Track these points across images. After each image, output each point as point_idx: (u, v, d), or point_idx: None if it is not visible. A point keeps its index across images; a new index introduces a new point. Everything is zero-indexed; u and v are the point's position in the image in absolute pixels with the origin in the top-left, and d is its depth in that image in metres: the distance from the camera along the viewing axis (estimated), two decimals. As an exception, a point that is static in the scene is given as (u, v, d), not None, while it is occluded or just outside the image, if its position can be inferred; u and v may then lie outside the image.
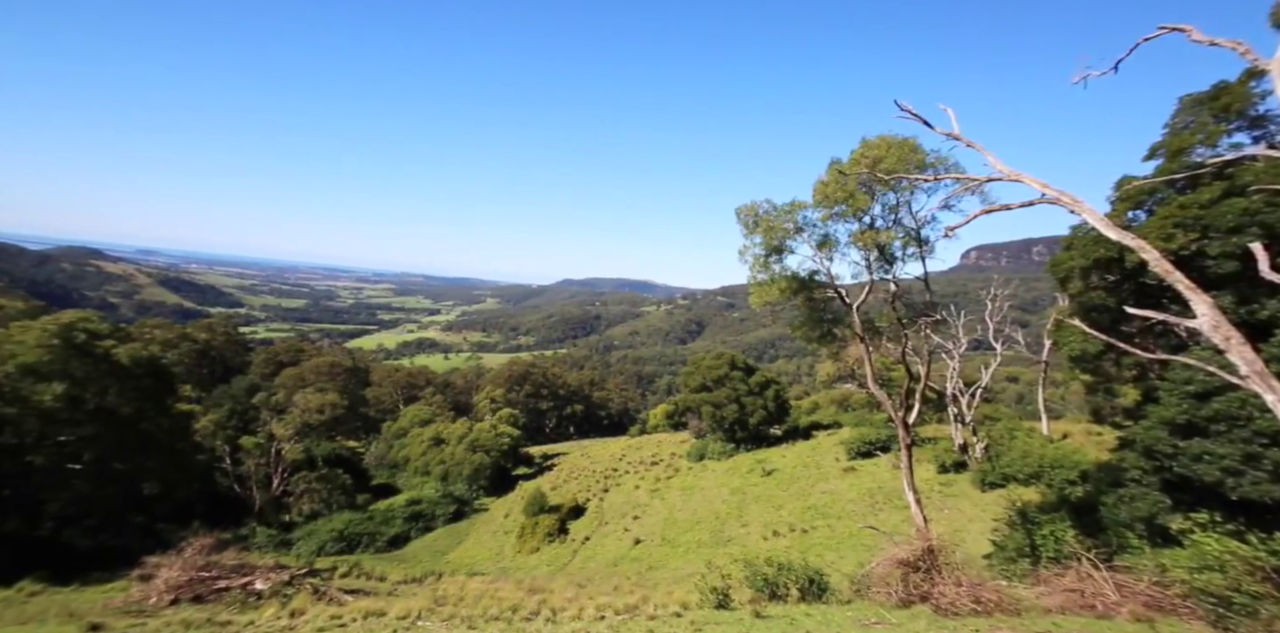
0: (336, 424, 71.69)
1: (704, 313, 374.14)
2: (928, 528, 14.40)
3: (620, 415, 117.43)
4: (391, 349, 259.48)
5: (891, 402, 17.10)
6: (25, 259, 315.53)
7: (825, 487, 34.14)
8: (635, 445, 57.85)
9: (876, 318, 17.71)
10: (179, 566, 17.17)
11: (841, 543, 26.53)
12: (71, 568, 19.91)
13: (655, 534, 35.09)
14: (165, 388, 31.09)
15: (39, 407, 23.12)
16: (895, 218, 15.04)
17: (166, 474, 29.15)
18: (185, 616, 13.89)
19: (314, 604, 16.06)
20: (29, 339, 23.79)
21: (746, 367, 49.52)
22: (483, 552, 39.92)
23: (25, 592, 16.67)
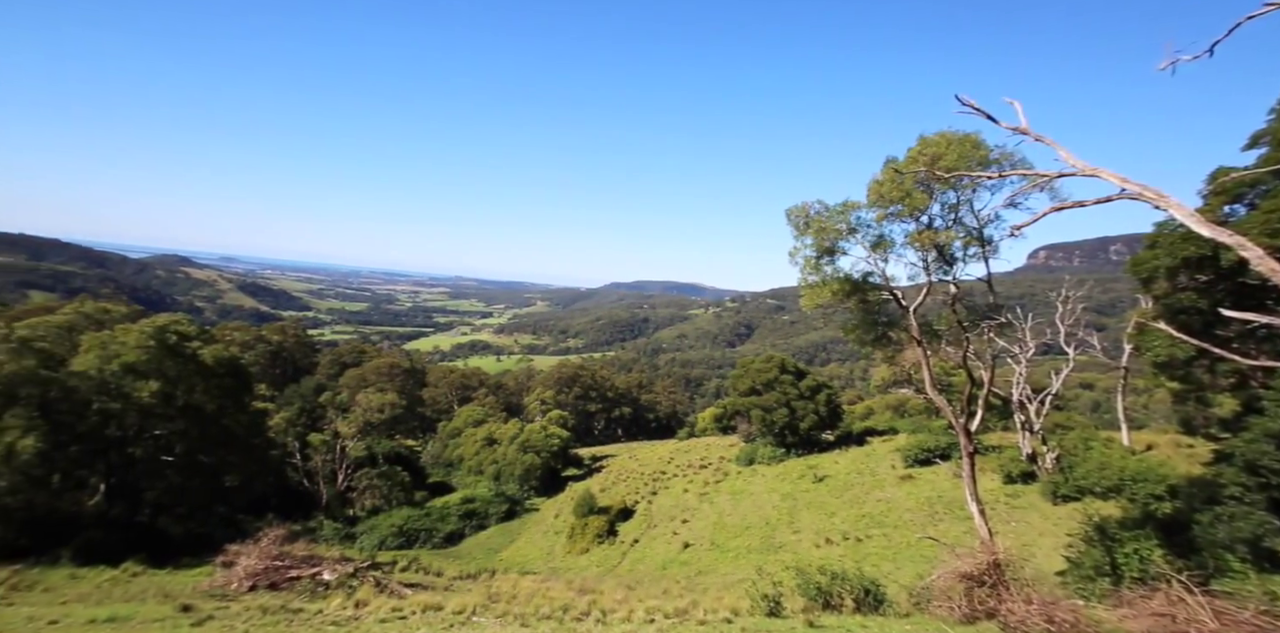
0: (395, 423, 74.67)
1: (753, 316, 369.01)
2: (993, 541, 13.68)
3: (668, 418, 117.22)
4: (446, 351, 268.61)
5: (952, 408, 16.37)
6: (127, 267, 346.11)
7: (880, 495, 33.01)
8: (683, 449, 57.62)
9: (935, 321, 17.01)
10: (256, 554, 18.35)
11: (899, 553, 25.58)
12: (166, 552, 21.59)
13: (704, 538, 34.82)
14: (243, 387, 33.21)
15: (138, 403, 25.15)
16: (955, 217, 14.40)
17: (245, 468, 31.10)
18: (262, 602, 14.80)
19: (376, 596, 16.81)
20: (130, 341, 25.93)
21: (797, 370, 48.52)
22: (534, 551, 40.66)
23: (129, 572, 18.19)
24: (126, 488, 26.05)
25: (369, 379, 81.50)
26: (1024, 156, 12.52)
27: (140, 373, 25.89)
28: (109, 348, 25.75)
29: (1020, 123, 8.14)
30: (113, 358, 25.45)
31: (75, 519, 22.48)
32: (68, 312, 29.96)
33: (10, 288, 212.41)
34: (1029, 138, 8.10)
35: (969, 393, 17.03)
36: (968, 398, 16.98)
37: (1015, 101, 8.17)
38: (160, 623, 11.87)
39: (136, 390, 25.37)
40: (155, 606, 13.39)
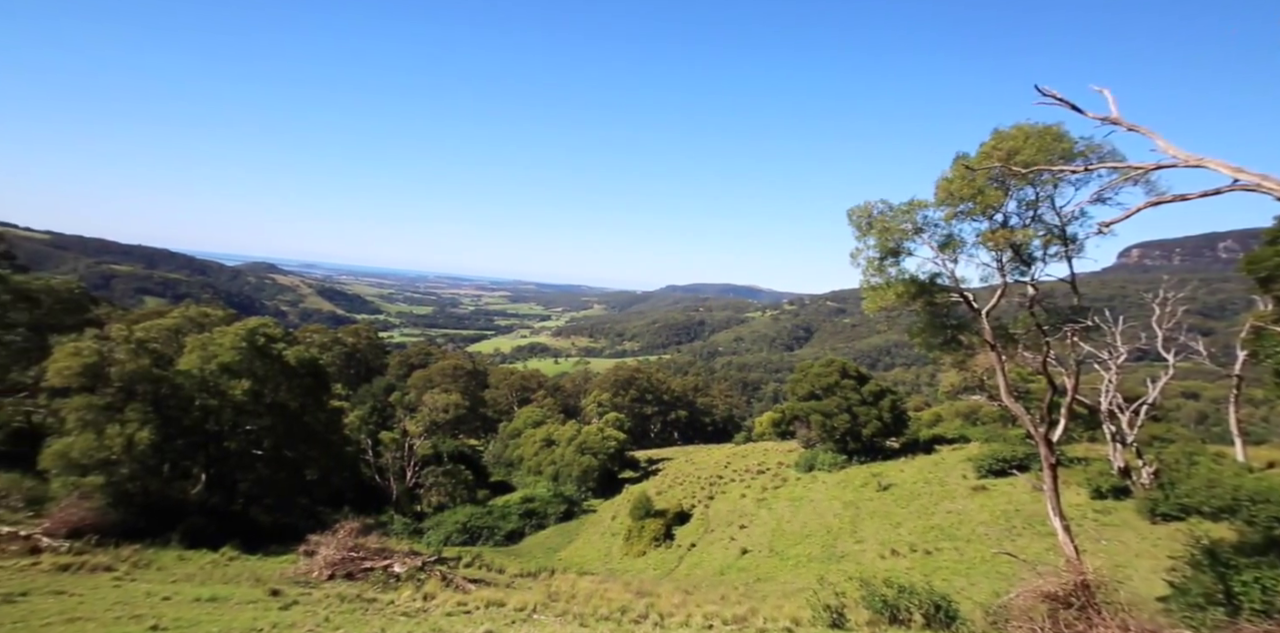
0: (459, 423, 77.54)
1: (812, 318, 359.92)
2: (1081, 560, 12.73)
3: (724, 422, 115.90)
4: (507, 353, 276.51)
5: (1030, 416, 15.37)
6: (223, 274, 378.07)
7: (951, 506, 31.38)
8: (740, 453, 56.83)
9: (1010, 324, 16.04)
10: (334, 545, 19.49)
11: (972, 569, 24.22)
12: (256, 539, 23.31)
13: (763, 545, 34.19)
14: (322, 386, 35.38)
15: (232, 400, 27.31)
16: (1034, 214, 13.53)
17: (323, 463, 33.07)
18: (340, 590, 15.73)
19: (443, 590, 17.51)
20: (225, 342, 28.20)
21: (859, 375, 46.91)
22: (591, 552, 41.14)
23: (226, 557, 19.80)
24: (223, 479, 28.30)
25: (434, 380, 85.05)
26: (1114, 148, 11.60)
27: (234, 372, 28.09)
28: (208, 349, 28.10)
29: (1110, 112, 7.58)
30: (211, 358, 27.74)
31: (181, 506, 24.63)
32: (175, 315, 32.87)
33: (130, 294, 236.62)
34: (1120, 128, 7.53)
35: (1050, 401, 15.95)
36: (1048, 406, 15.90)
37: (1104, 90, 7.62)
38: (254, 605, 12.84)
39: (231, 388, 27.54)
40: (249, 589, 14.49)
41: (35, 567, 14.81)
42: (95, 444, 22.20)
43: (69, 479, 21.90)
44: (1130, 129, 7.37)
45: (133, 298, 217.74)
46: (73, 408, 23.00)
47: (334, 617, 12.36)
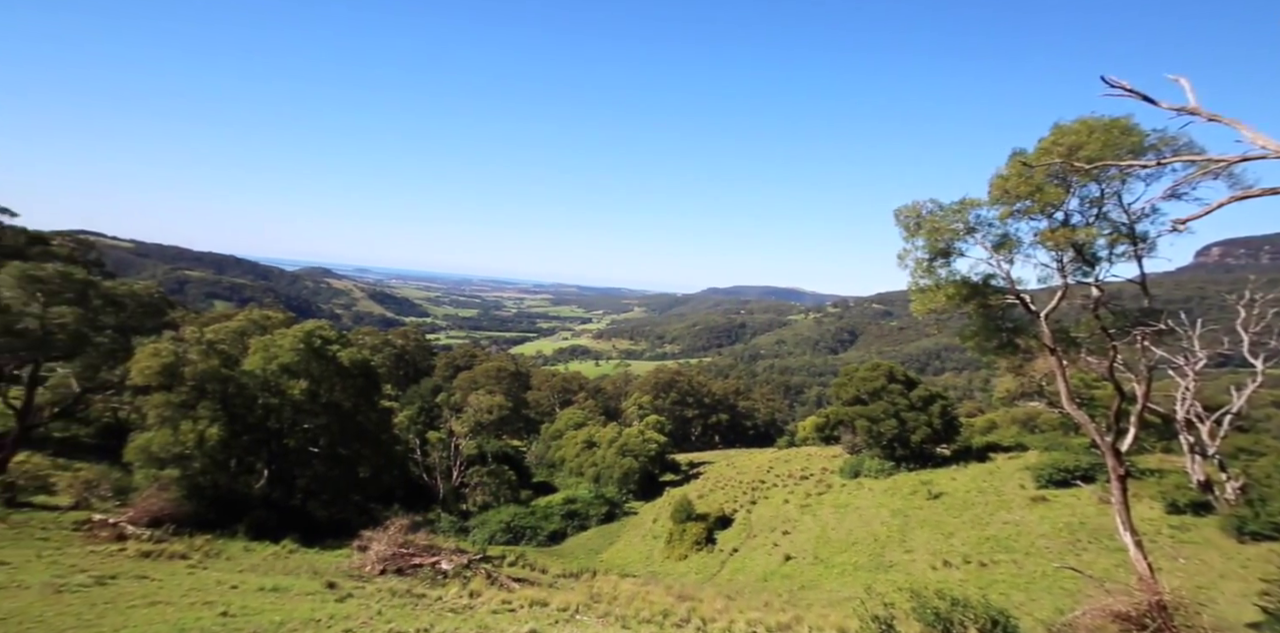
0: (503, 424, 79.10)
1: (857, 321, 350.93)
2: (1155, 579, 11.94)
3: (766, 426, 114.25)
4: (548, 355, 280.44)
5: (1095, 424, 14.53)
6: (283, 278, 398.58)
7: (1007, 517, 29.98)
8: (783, 458, 55.87)
9: (1072, 327, 15.21)
10: (385, 541, 20.18)
11: (1031, 583, 23.06)
12: (313, 533, 24.41)
13: (807, 552, 33.50)
14: (374, 387, 36.74)
15: (291, 399, 28.69)
16: (1099, 212, 12.79)
17: (375, 461, 34.31)
18: (391, 585, 16.28)
19: (488, 588, 17.89)
20: (285, 344, 29.66)
21: (907, 379, 45.41)
22: (633, 554, 41.20)
23: (287, 549, 20.80)
24: (283, 474, 29.73)
25: (479, 382, 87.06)
26: (1190, 140, 10.81)
27: (293, 373, 29.50)
28: (270, 350, 29.61)
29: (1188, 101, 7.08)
30: (272, 359, 29.21)
31: (246, 499, 26.02)
32: (240, 319, 34.75)
33: (201, 298, 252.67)
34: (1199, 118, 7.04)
35: (1117, 408, 15.05)
36: (1116, 414, 15.01)
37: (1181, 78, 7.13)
38: (312, 596, 13.43)
39: (290, 388, 28.93)
40: (307, 581, 15.18)
41: (122, 553, 15.94)
42: (172, 439, 23.75)
43: (149, 472, 23.50)
44: (1211, 119, 6.87)
45: (204, 302, 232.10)
46: (152, 405, 24.67)
47: (386, 611, 12.80)
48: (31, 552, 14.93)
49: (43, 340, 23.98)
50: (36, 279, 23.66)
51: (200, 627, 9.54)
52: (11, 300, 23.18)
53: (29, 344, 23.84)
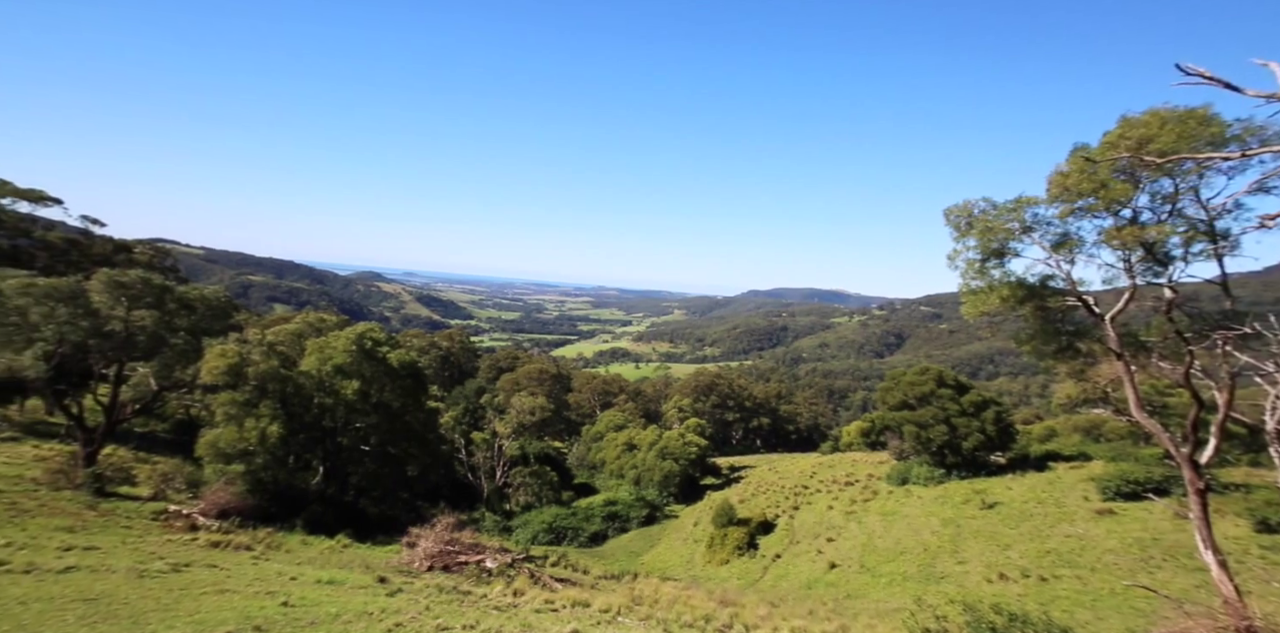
0: (544, 426, 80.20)
1: (904, 324, 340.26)
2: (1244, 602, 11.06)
3: (809, 431, 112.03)
4: (589, 358, 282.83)
5: (1170, 434, 13.63)
6: (337, 282, 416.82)
7: (1070, 529, 28.42)
8: (827, 463, 54.63)
9: (1141, 331, 14.31)
10: (433, 538, 20.78)
11: (1098, 601, 21.78)
12: (365, 529, 25.35)
13: (852, 560, 32.63)
14: (421, 387, 37.86)
15: (344, 399, 29.88)
16: (1173, 208, 11.95)
17: (422, 460, 35.36)
18: (438, 581, 16.74)
19: (531, 587, 18.17)
20: (339, 345, 30.93)
21: (958, 384, 43.70)
22: (673, 557, 41.05)
23: (340, 544, 21.68)
24: (337, 472, 30.99)
25: (521, 383, 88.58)
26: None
27: (346, 373, 30.73)
28: (324, 352, 30.93)
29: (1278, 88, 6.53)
30: (327, 360, 30.50)
31: (304, 495, 27.27)
32: (297, 321, 36.46)
33: (262, 301, 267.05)
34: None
35: (1195, 417, 14.06)
36: (1194, 423, 14.02)
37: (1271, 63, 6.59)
38: (365, 590, 13.95)
39: (343, 388, 30.13)
40: (360, 575, 15.78)
41: (194, 542, 16.96)
42: (237, 436, 25.12)
43: (217, 466, 24.92)
44: (1307, 104, 6.31)
45: (264, 305, 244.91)
46: (219, 403, 26.16)
47: (434, 606, 13.15)
48: (117, 538, 16.07)
49: (127, 341, 25.79)
50: (121, 285, 25.47)
51: (264, 616, 10.04)
52: (100, 305, 25.02)
53: (115, 345, 25.69)
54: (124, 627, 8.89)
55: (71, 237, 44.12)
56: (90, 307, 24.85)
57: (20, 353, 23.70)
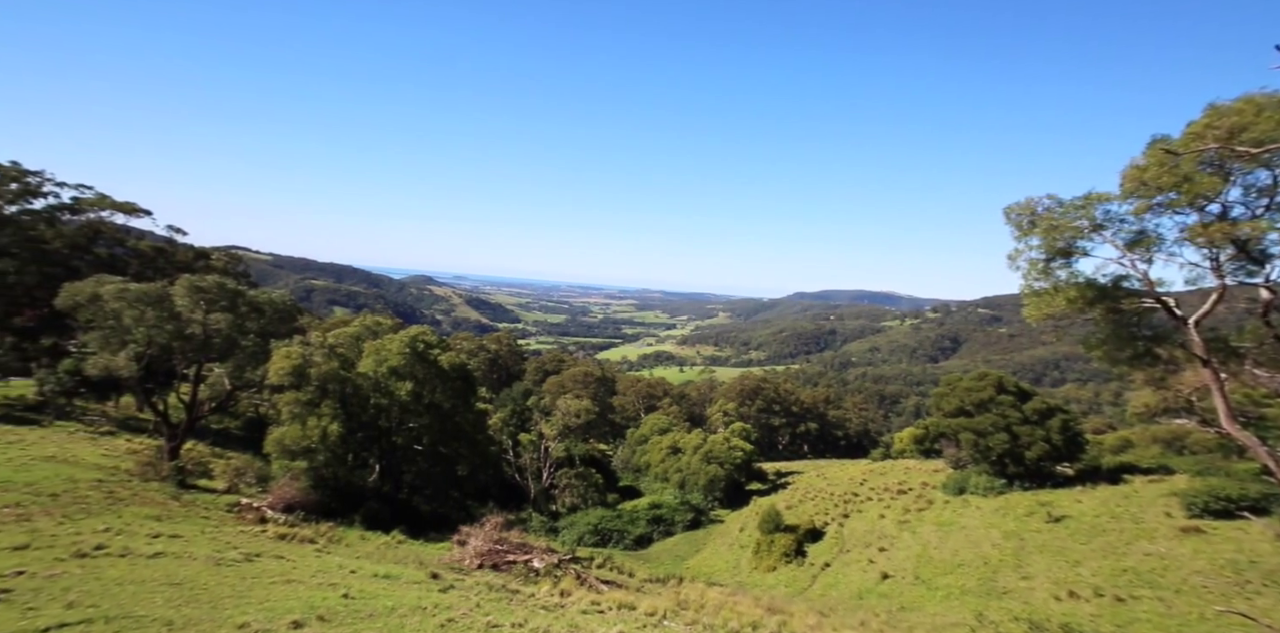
0: (589, 428, 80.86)
1: (960, 327, 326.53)
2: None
3: (859, 436, 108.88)
4: (633, 360, 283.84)
5: (1268, 448, 12.52)
6: (391, 286, 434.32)
7: (1149, 547, 26.49)
8: (878, 470, 52.90)
9: (1232, 335, 13.22)
10: (482, 537, 21.25)
11: (1185, 626, 20.20)
12: (418, 526, 26.21)
13: (906, 571, 31.44)
14: (471, 389, 38.89)
15: (399, 399, 31.04)
16: (1270, 202, 10.99)
17: (472, 459, 36.29)
18: (488, 579, 17.10)
19: (577, 588, 18.32)
20: (393, 347, 32.16)
21: (1019, 390, 41.49)
22: (719, 562, 40.61)
23: (395, 539, 22.47)
24: (392, 470, 32.20)
25: (567, 386, 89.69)
26: None
27: (400, 374, 31.90)
28: (380, 353, 32.21)
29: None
30: (382, 361, 31.74)
31: (361, 491, 28.43)
32: (356, 324, 38.14)
33: (324, 305, 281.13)
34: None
35: (1294, 430, 12.88)
36: (1292, 436, 12.85)
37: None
38: (418, 585, 14.40)
39: (397, 389, 31.28)
40: (414, 570, 16.29)
41: (263, 533, 17.95)
42: (300, 433, 26.45)
43: (283, 462, 26.31)
44: None
45: (325, 308, 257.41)
46: (284, 402, 27.62)
47: (484, 604, 13.44)
48: (197, 528, 17.19)
49: (204, 343, 27.61)
50: (200, 289, 27.30)
51: (326, 606, 10.51)
52: (182, 308, 26.88)
53: (195, 346, 27.54)
54: (204, 611, 9.49)
55: (159, 245, 47.66)
56: (174, 310, 26.73)
57: (116, 353, 25.72)
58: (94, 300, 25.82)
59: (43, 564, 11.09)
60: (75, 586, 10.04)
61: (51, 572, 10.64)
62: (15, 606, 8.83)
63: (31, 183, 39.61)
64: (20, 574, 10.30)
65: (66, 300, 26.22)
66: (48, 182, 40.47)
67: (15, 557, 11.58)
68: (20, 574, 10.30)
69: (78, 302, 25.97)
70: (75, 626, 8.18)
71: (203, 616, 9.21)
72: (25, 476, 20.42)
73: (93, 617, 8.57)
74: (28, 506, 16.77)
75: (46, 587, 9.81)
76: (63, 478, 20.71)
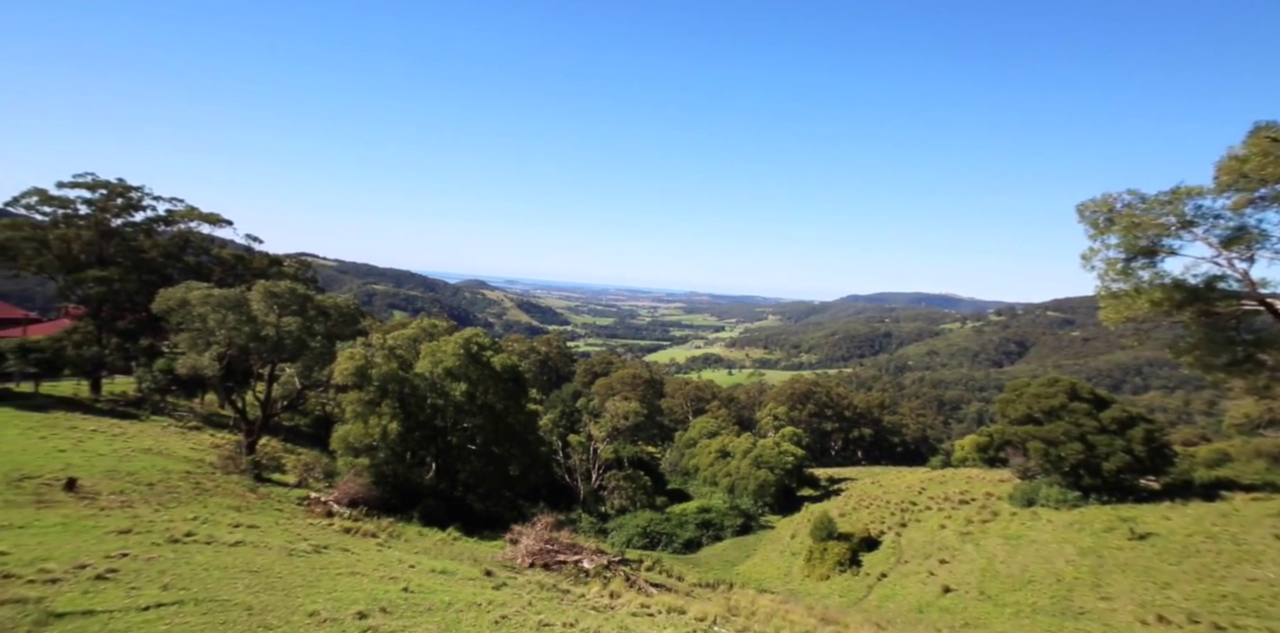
0: (638, 430, 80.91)
1: (1027, 331, 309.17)
2: None
3: (916, 443, 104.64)
4: (681, 363, 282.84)
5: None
6: (447, 290, 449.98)
7: (1254, 572, 24.21)
8: (938, 479, 50.61)
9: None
10: (533, 536, 21.62)
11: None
12: (473, 524, 26.97)
13: (970, 585, 29.92)
14: (522, 390, 39.69)
15: (454, 400, 32.04)
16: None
17: (523, 460, 37.02)
18: (539, 578, 17.37)
19: (626, 590, 18.36)
20: (448, 350, 33.25)
21: (1095, 398, 38.82)
22: (770, 569, 39.85)
23: (451, 536, 23.20)
24: (447, 469, 33.24)
25: (615, 388, 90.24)
26: None
27: (455, 376, 32.93)
28: (436, 355, 33.35)
29: None
30: (438, 363, 32.85)
31: (419, 489, 29.51)
32: (413, 327, 39.67)
33: (384, 308, 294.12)
34: None
35: None
36: None
37: None
38: (473, 581, 14.79)
39: (452, 390, 32.29)
40: (469, 567, 16.76)
41: (330, 527, 18.89)
42: (363, 431, 27.71)
43: (347, 459, 27.62)
44: None
45: (385, 312, 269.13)
46: (348, 401, 29.02)
47: (535, 602, 13.65)
48: (271, 519, 18.30)
49: (277, 344, 29.41)
50: (274, 294, 29.11)
51: (388, 599, 10.95)
52: (258, 312, 28.74)
53: (269, 348, 29.38)
54: (279, 598, 10.07)
55: (238, 253, 51.26)
56: (251, 314, 28.60)
57: (202, 354, 27.77)
58: (183, 305, 27.96)
59: (142, 548, 12.10)
60: (169, 569, 10.88)
61: (149, 555, 11.59)
62: (121, 585, 9.70)
63: (134, 197, 43.42)
64: (124, 556, 11.29)
65: (160, 305, 28.52)
66: (146, 196, 44.23)
67: (120, 540, 12.70)
68: (124, 556, 11.29)
69: (169, 306, 28.19)
70: (170, 606, 8.85)
71: (278, 603, 9.77)
72: (128, 466, 22.31)
73: (184, 599, 9.25)
74: (129, 493, 18.32)
75: (145, 569, 10.69)
76: (158, 469, 22.50)
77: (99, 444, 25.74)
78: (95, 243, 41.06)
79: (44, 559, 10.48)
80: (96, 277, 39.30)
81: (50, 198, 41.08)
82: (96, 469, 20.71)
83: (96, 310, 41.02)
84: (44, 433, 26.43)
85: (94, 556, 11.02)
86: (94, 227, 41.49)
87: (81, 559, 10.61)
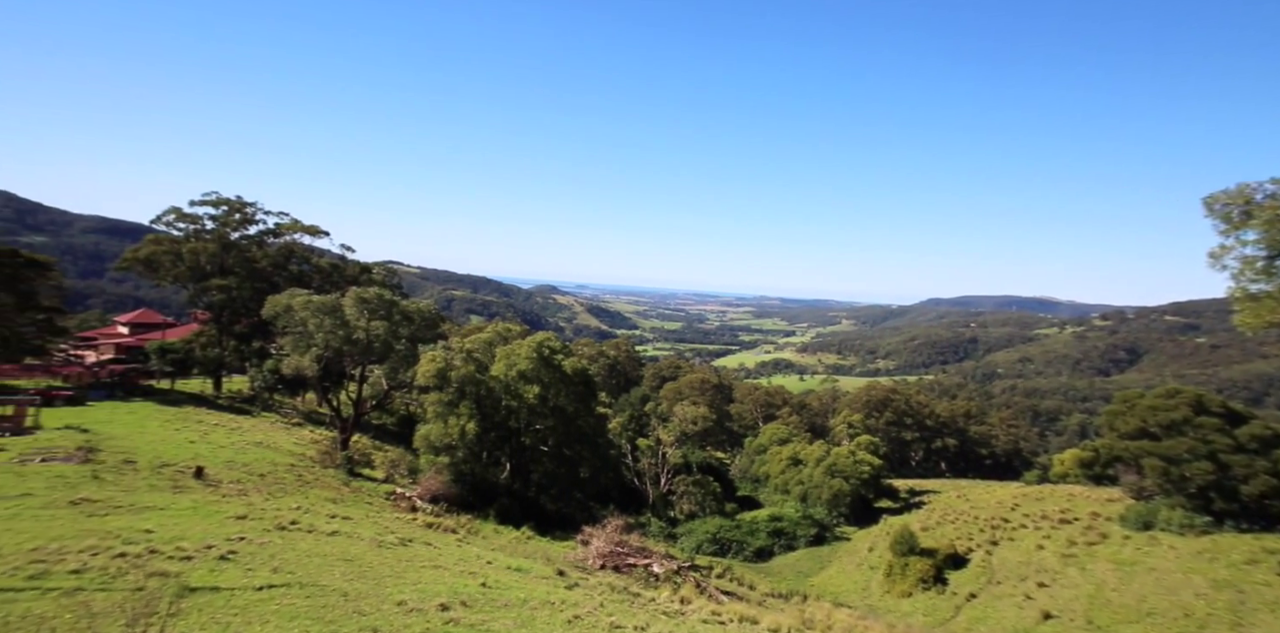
0: (706, 435, 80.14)
1: (1139, 336, 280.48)
2: None
3: (1008, 456, 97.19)
4: (751, 368, 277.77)
5: None
6: (520, 295, 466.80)
7: None
8: (1033, 495, 46.71)
9: None
10: (604, 538, 21.87)
11: None
12: (545, 524, 27.67)
13: (1075, 613, 27.39)
14: (592, 394, 40.31)
15: (527, 402, 33.04)
16: None
17: (593, 462, 37.56)
18: (610, 580, 17.54)
19: (697, 597, 18.16)
20: (522, 353, 34.34)
21: (1227, 411, 34.55)
22: (846, 583, 38.23)
23: (525, 535, 23.91)
24: (521, 469, 34.28)
25: (683, 393, 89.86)
26: None
27: (528, 379, 33.94)
28: (510, 359, 34.52)
29: None
30: (512, 366, 33.97)
31: (494, 488, 30.63)
32: (489, 331, 41.33)
33: (461, 313, 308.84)
34: None
35: None
36: None
37: None
38: (546, 580, 15.15)
39: (525, 392, 33.30)
40: (542, 566, 17.18)
41: (414, 521, 19.98)
42: (443, 431, 29.12)
43: (429, 457, 29.11)
44: None
45: (463, 316, 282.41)
46: (430, 402, 30.60)
47: (607, 604, 13.78)
48: (363, 512, 19.60)
49: (367, 347, 31.55)
50: (364, 300, 31.28)
51: (467, 593, 11.42)
52: (350, 317, 30.97)
53: (360, 351, 31.58)
54: (370, 586, 10.77)
55: (334, 262, 55.65)
56: (344, 318, 30.85)
57: (303, 356, 30.26)
58: (287, 310, 30.60)
59: (255, 533, 13.35)
60: (278, 554, 11.93)
61: (261, 540, 12.76)
62: (239, 565, 10.82)
63: (249, 212, 48.27)
64: (241, 540, 12.53)
65: (268, 310, 31.37)
66: (259, 210, 49.02)
67: (237, 525, 14.07)
68: (241, 540, 12.53)
69: (276, 311, 30.94)
70: (279, 588, 9.71)
71: (369, 590, 10.44)
72: (243, 457, 24.68)
73: (290, 582, 10.10)
74: (244, 483, 20.23)
75: (258, 552, 11.79)
76: (267, 461, 24.73)
77: (220, 437, 28.66)
78: (218, 255, 45.98)
79: (180, 539, 11.85)
80: (219, 285, 44.02)
81: (184, 215, 46.58)
82: (218, 460, 23.06)
83: (218, 316, 45.88)
84: (178, 426, 29.78)
85: (217, 538, 12.31)
86: (217, 240, 46.51)
87: (208, 540, 11.91)
